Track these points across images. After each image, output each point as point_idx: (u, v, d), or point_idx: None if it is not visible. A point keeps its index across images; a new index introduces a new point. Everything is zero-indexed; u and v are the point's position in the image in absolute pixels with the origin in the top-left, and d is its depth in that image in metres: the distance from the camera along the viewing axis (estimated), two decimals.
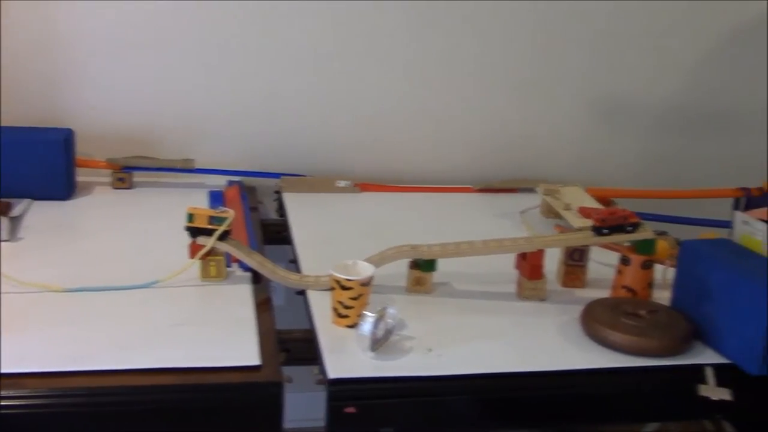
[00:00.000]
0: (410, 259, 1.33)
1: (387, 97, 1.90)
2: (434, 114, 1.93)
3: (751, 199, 1.81)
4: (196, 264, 1.31)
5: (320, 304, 1.25)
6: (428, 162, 1.96)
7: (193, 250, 1.31)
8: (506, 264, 1.37)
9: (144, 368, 1.06)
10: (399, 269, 1.33)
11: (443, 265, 1.33)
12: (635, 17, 1.92)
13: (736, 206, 1.82)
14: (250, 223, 1.58)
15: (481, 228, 1.65)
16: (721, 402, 1.12)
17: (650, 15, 1.92)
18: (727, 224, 1.51)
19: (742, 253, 1.22)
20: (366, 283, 1.21)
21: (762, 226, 1.21)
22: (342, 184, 1.83)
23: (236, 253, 1.31)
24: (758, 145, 2.09)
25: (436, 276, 1.34)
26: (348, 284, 1.19)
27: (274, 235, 1.66)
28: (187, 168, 1.78)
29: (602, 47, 1.94)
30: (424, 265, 1.32)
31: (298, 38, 1.81)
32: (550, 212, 1.72)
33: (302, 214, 1.68)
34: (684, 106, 2.03)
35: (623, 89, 1.99)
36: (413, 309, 1.27)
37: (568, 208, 1.57)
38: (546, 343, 1.21)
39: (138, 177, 1.79)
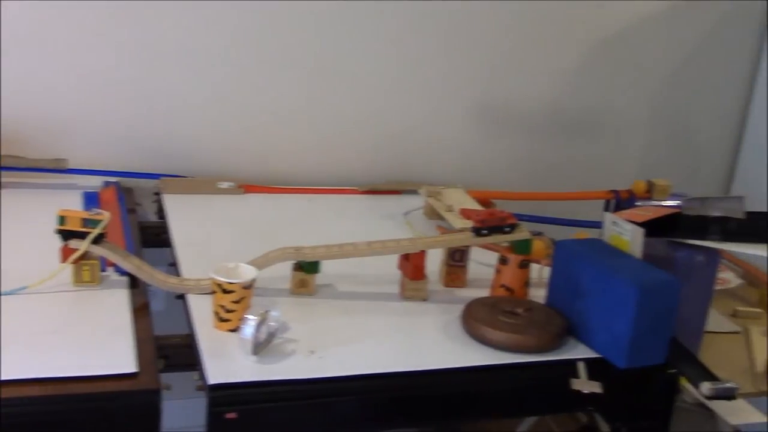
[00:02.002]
0: (294, 261, 1.32)
1: (272, 97, 1.88)
2: (320, 115, 1.93)
3: (620, 201, 1.89)
4: (68, 269, 1.26)
5: (201, 308, 1.23)
6: (313, 163, 1.95)
7: (65, 254, 1.25)
8: (389, 265, 1.38)
9: (10, 379, 1.00)
10: (283, 271, 1.32)
11: (327, 266, 1.33)
12: (514, 22, 1.98)
13: (607, 208, 1.90)
14: (127, 225, 1.53)
15: (365, 229, 1.66)
16: (593, 395, 1.17)
17: (527, 20, 1.99)
18: (598, 225, 1.57)
19: (611, 252, 1.28)
20: (248, 286, 1.19)
21: (629, 226, 1.27)
22: (225, 185, 1.80)
23: (112, 256, 1.26)
24: (627, 148, 2.21)
25: (319, 278, 1.34)
26: (229, 287, 1.17)
27: (153, 237, 1.61)
28: (59, 168, 1.71)
29: (482, 51, 1.99)
30: (307, 267, 1.32)
31: (176, 35, 1.77)
32: (432, 214, 1.75)
33: (183, 216, 1.64)
34: (559, 110, 2.11)
35: (502, 93, 2.05)
36: (296, 311, 1.27)
37: (450, 209, 1.61)
38: (428, 342, 1.23)
39: (6, 177, 1.69)
